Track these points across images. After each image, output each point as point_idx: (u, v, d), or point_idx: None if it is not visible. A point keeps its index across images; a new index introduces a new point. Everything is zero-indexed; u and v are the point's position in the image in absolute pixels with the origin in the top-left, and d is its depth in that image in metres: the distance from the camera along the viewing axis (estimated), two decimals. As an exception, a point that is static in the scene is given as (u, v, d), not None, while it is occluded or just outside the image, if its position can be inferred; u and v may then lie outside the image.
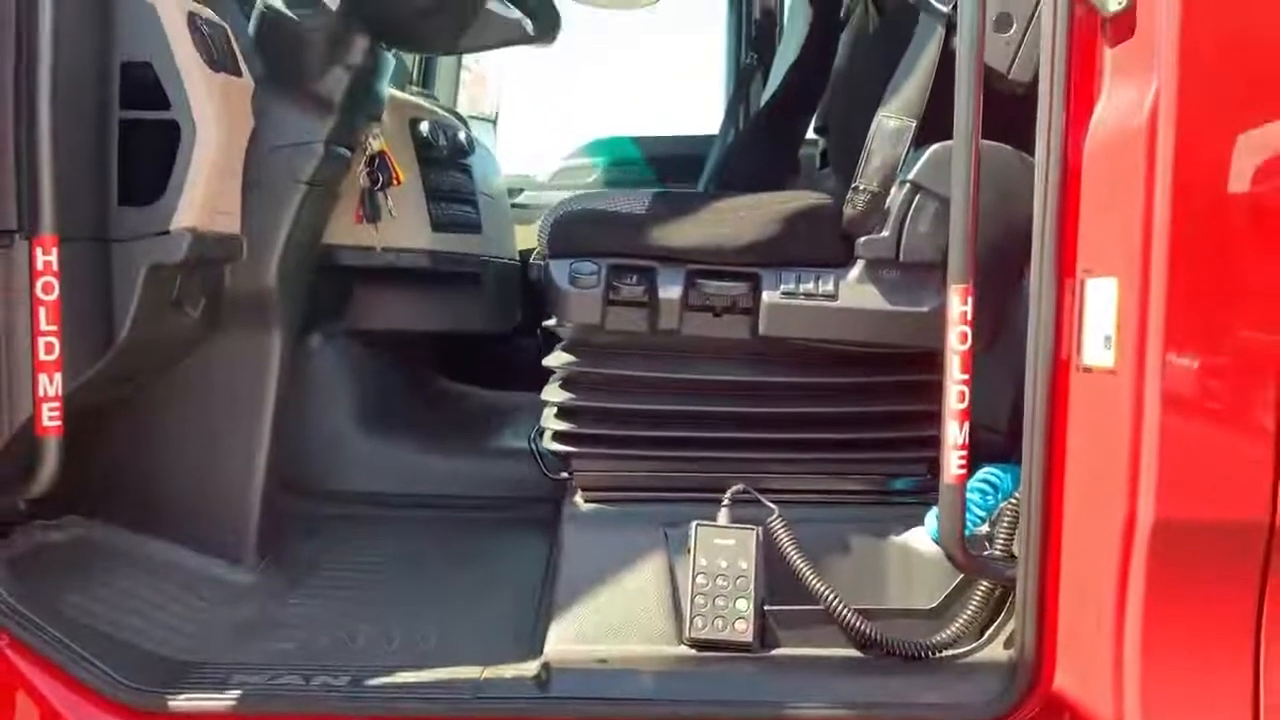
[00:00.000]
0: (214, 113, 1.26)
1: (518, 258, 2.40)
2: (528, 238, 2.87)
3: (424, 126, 1.87)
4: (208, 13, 1.32)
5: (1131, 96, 1.06)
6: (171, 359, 1.47)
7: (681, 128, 3.56)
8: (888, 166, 1.32)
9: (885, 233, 1.32)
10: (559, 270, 1.35)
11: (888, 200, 1.33)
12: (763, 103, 2.98)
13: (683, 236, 1.36)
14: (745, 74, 3.17)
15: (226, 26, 1.35)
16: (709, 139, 3.20)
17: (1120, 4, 1.08)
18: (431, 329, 2.04)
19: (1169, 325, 1.02)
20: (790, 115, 2.82)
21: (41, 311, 1.14)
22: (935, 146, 1.29)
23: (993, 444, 1.39)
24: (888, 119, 1.32)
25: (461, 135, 2.01)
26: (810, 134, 2.95)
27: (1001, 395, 1.35)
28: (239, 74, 1.36)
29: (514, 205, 2.88)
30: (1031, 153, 1.14)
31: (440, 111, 2.04)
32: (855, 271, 1.35)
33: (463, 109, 3.33)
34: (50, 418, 1.16)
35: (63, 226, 1.14)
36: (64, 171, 1.15)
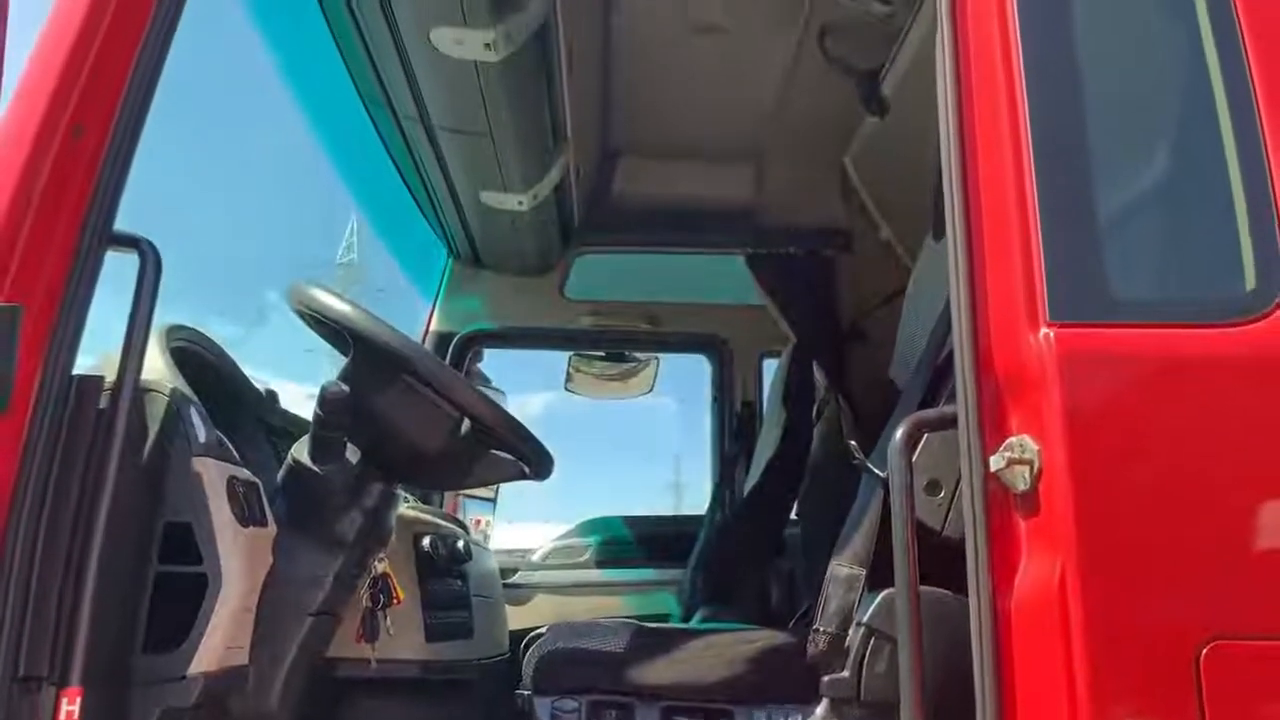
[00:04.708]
0: (240, 567, 1.41)
1: (507, 648, 2.47)
2: (521, 617, 2.95)
3: (425, 542, 2.03)
4: (245, 473, 1.51)
5: (1044, 566, 1.21)
6: None
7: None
8: (844, 610, 1.45)
9: (846, 673, 1.43)
10: (542, 708, 1.45)
11: (847, 640, 1.45)
12: (746, 489, 3.19)
13: (658, 674, 1.47)
14: (729, 460, 3.41)
15: (259, 483, 1.54)
16: (696, 519, 3.38)
17: (1027, 484, 1.26)
18: None
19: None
20: (772, 501, 3.02)
21: (57, 758, 1.21)
22: (886, 592, 1.43)
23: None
24: (840, 567, 1.47)
25: (460, 544, 2.17)
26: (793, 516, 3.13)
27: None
28: (265, 524, 1.53)
29: (507, 585, 2.99)
30: None
31: (441, 522, 2.21)
32: (821, 709, 1.44)
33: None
34: None
35: (88, 675, 1.25)
36: (97, 622, 1.27)
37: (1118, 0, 1.46)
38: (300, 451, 1.63)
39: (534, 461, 1.70)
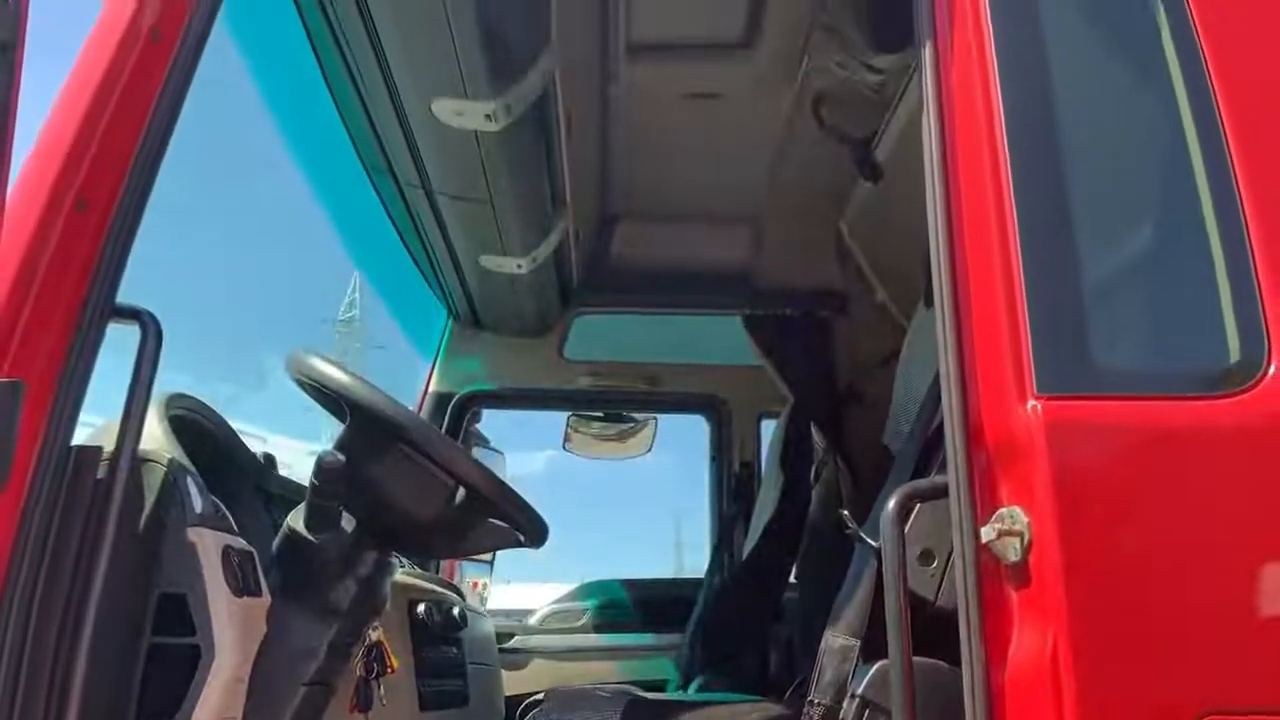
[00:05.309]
0: (233, 638, 1.40)
1: (503, 716, 2.44)
2: (517, 682, 2.92)
3: (420, 608, 2.02)
4: (240, 543, 1.51)
5: (1037, 638, 1.21)
6: None
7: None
8: (838, 682, 1.44)
9: (841, 748, 1.42)
10: (536, 780, 1.43)
11: (841, 712, 1.44)
12: (745, 551, 3.18)
13: (652, 748, 1.46)
14: (727, 521, 3.41)
15: (254, 552, 1.54)
16: (695, 583, 3.36)
17: (1018, 555, 1.26)
18: None
19: None
20: (770, 565, 3.00)
21: (43, 833, 1.20)
22: (880, 663, 1.42)
23: None
24: (834, 638, 1.47)
25: (455, 610, 2.16)
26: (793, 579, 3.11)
27: None
28: (259, 594, 1.52)
29: (504, 649, 2.96)
30: None
31: (436, 588, 2.20)
32: (816, 783, 1.43)
33: (461, 553, 3.52)
34: None
35: None
36: (90, 694, 1.26)
37: (1100, 72, 1.49)
38: (295, 520, 1.64)
39: (529, 530, 1.71)
